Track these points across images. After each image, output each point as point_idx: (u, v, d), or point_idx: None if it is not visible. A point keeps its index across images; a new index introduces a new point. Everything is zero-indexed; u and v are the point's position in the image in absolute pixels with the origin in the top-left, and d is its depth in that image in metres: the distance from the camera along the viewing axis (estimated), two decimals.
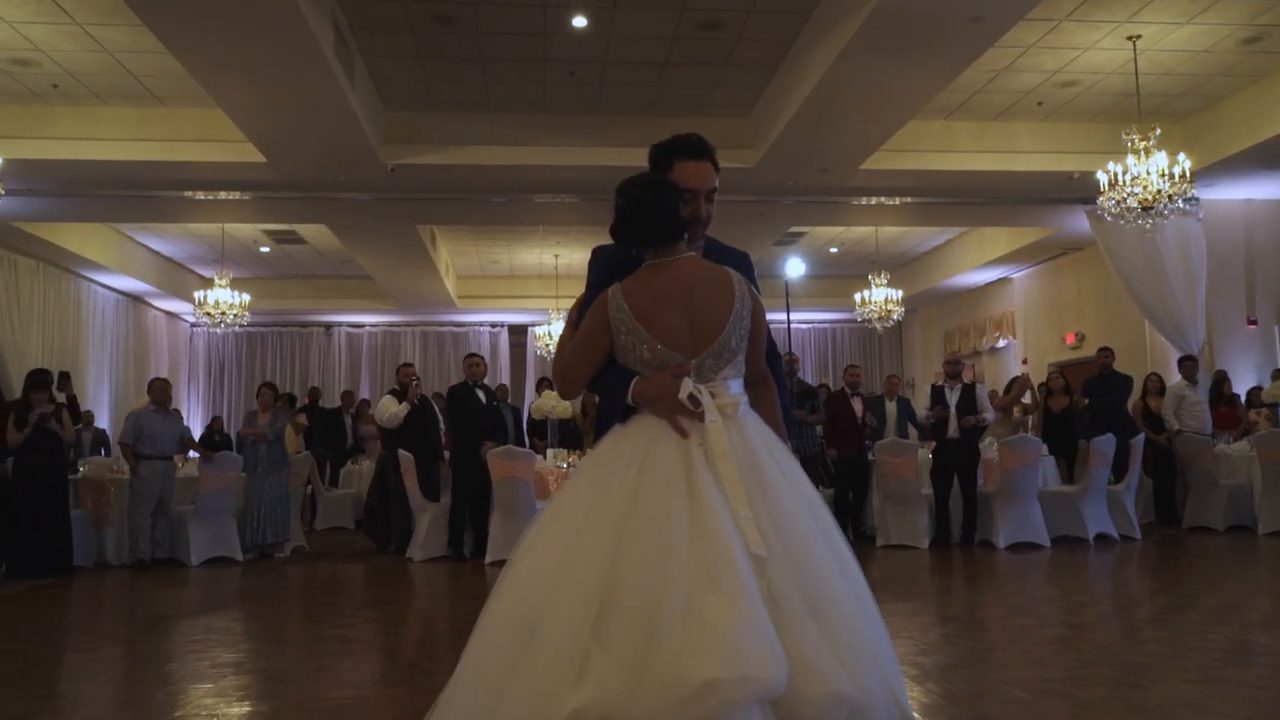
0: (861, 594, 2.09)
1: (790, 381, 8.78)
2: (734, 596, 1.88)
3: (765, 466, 2.14)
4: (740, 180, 11.16)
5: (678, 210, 2.36)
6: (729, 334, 2.25)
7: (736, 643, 1.81)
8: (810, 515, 2.12)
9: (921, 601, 5.90)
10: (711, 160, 2.58)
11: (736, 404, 2.23)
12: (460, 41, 8.99)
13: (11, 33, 8.52)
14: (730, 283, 2.30)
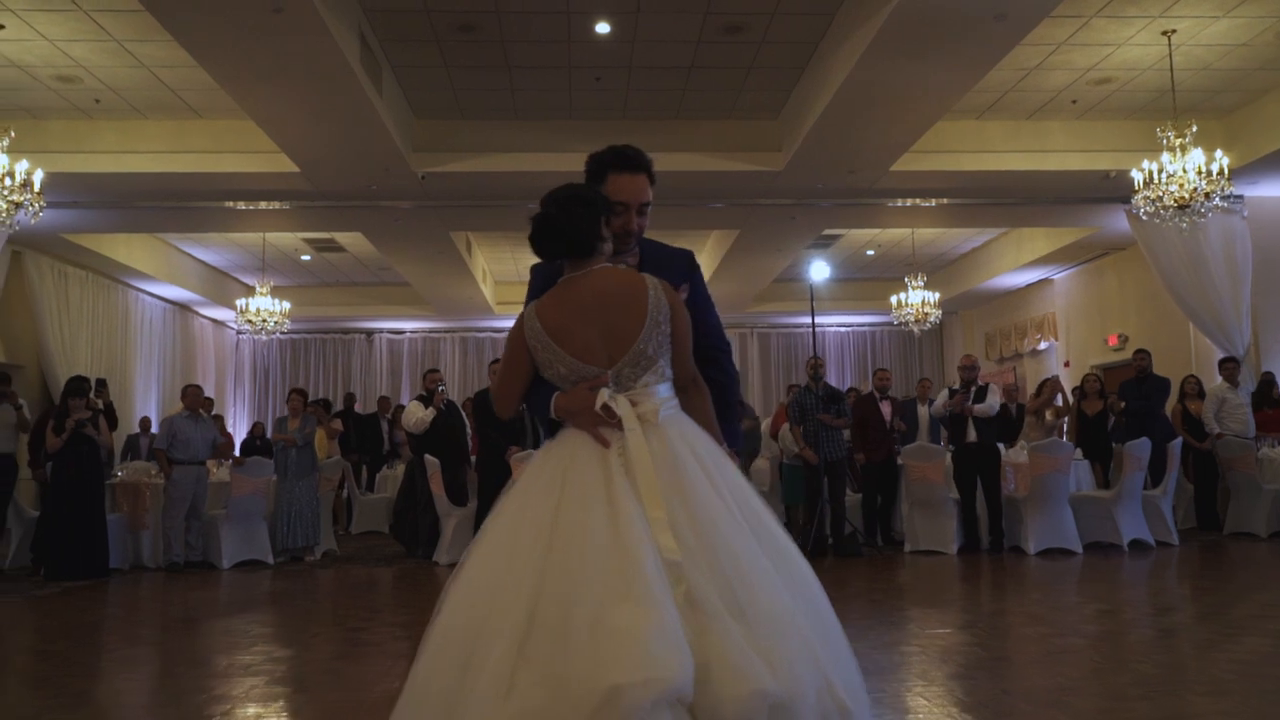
0: (803, 590, 2.08)
1: (816, 385, 8.72)
2: (643, 603, 1.90)
3: (687, 470, 2.15)
4: (769, 184, 11.14)
5: (589, 225, 2.37)
6: (644, 342, 2.27)
7: (642, 648, 1.84)
8: (738, 515, 2.12)
9: (942, 608, 5.82)
10: (647, 173, 2.60)
11: (657, 410, 2.25)
12: (485, 50, 9.08)
13: (54, 51, 8.79)
14: (644, 291, 2.31)
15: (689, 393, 2.38)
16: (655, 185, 2.72)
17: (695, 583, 1.96)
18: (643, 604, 1.90)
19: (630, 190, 2.55)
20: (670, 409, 2.30)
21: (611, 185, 2.56)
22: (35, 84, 9.42)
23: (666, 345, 2.31)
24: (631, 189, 2.55)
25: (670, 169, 10.82)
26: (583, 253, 2.37)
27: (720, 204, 11.89)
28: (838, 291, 17.99)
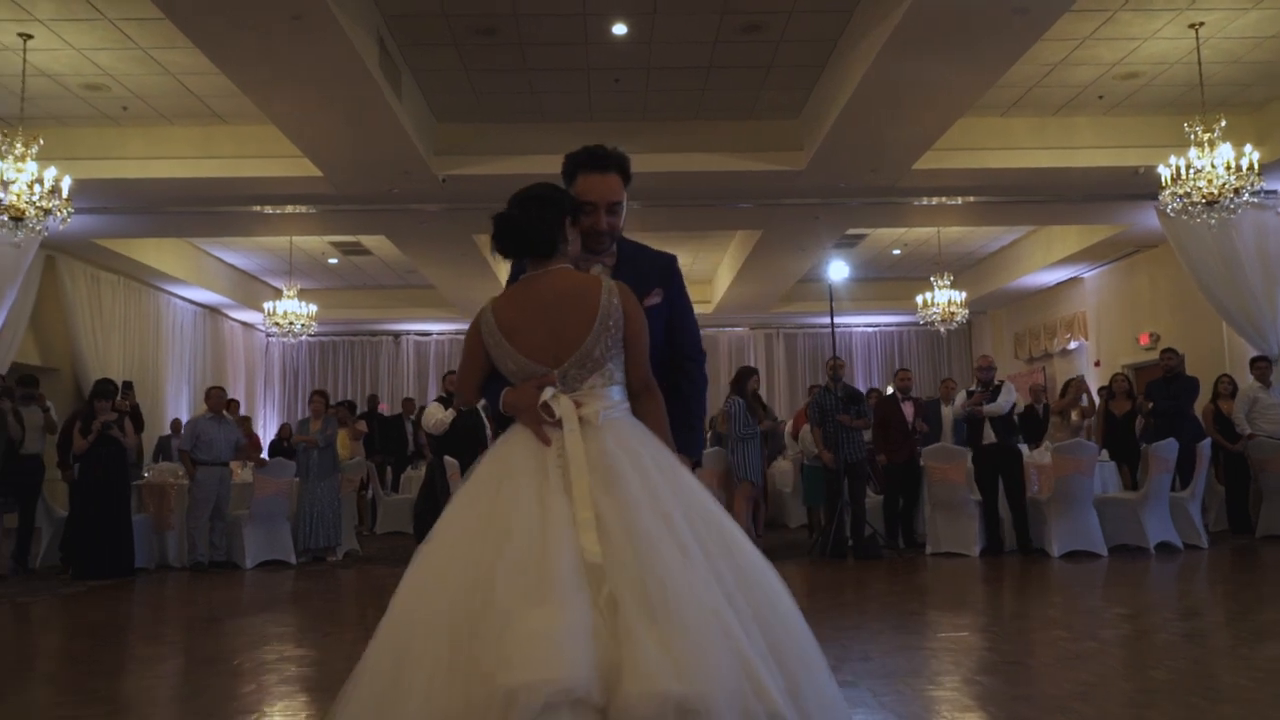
0: (752, 594, 2.06)
1: (835, 386, 8.66)
2: (553, 604, 1.92)
3: (620, 472, 2.14)
4: (790, 183, 11.08)
5: (548, 225, 2.38)
6: (591, 344, 2.28)
7: (544, 650, 1.86)
8: (675, 517, 2.10)
9: (958, 610, 5.75)
10: (619, 171, 2.61)
11: (599, 412, 2.25)
12: (504, 53, 9.12)
13: (82, 59, 8.94)
14: (596, 293, 2.32)
15: (642, 399, 2.38)
16: (631, 184, 2.71)
17: (616, 585, 1.97)
18: (553, 605, 1.92)
19: (598, 189, 2.55)
20: (618, 412, 2.31)
21: (581, 185, 2.58)
22: (64, 92, 9.59)
23: (617, 349, 2.33)
24: (599, 188, 2.56)
25: (690, 169, 10.84)
26: (542, 252, 2.39)
27: (747, 204, 11.85)
28: (864, 291, 17.87)
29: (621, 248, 2.68)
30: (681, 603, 1.95)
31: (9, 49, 8.58)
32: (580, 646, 1.88)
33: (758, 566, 2.14)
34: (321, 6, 7.03)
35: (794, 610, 2.13)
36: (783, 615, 2.09)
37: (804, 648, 2.10)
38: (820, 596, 6.40)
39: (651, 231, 14.26)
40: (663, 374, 2.56)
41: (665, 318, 2.65)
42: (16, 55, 8.62)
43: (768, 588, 2.11)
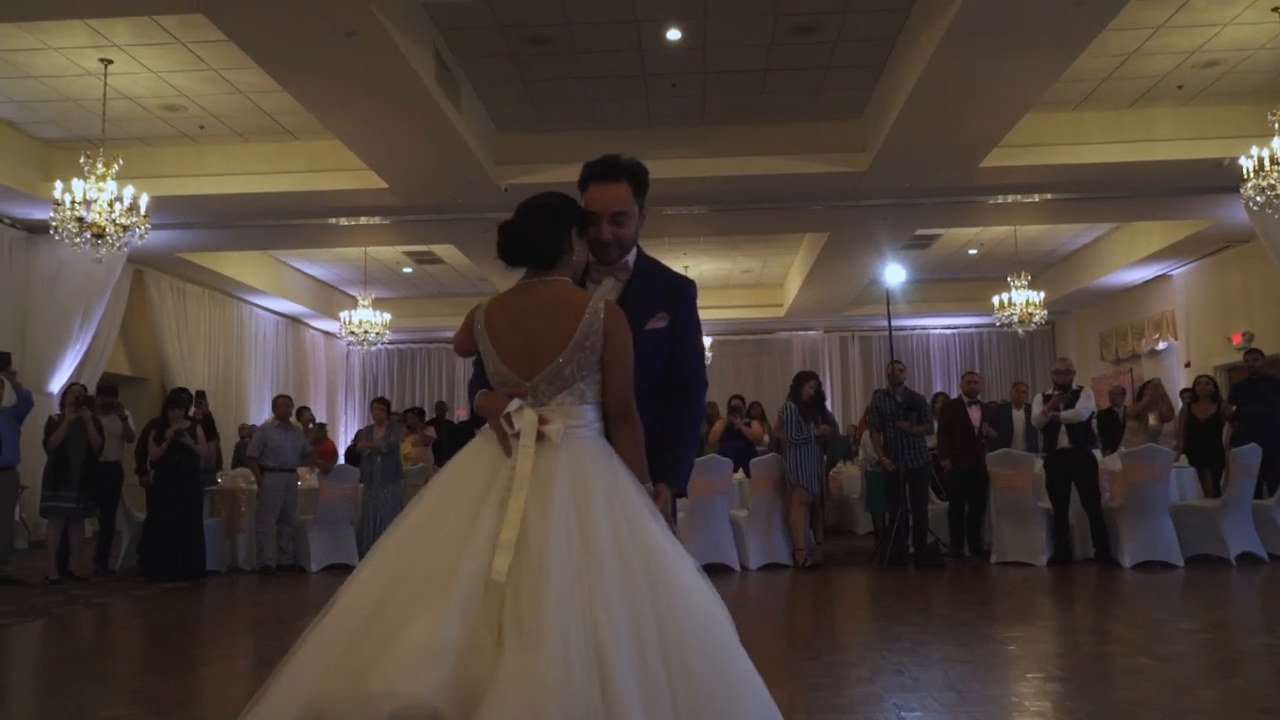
0: (675, 626, 2.02)
1: (896, 391, 8.48)
2: (440, 618, 1.94)
3: (560, 495, 2.12)
4: (854, 184, 10.91)
5: (553, 236, 2.35)
6: (565, 362, 2.26)
7: (409, 662, 1.89)
8: (597, 549, 2.06)
9: (1010, 622, 5.56)
10: (630, 181, 2.53)
11: (560, 430, 2.22)
12: (559, 62, 9.20)
13: (159, 82, 9.34)
14: (580, 311, 2.27)
15: (616, 424, 2.33)
16: (647, 192, 2.62)
17: (514, 607, 1.97)
18: (437, 618, 1.94)
19: (602, 199, 2.49)
20: (587, 431, 2.28)
21: (589, 194, 2.53)
22: (145, 114, 10.02)
23: (592, 369, 2.29)
24: (604, 198, 2.50)
25: (751, 173, 10.76)
26: (544, 263, 2.36)
27: (809, 206, 11.71)
28: (940, 293, 17.50)
29: (639, 263, 2.60)
30: (552, 630, 1.93)
31: (91, 74, 9.00)
32: (444, 665, 1.89)
33: (688, 607, 2.08)
34: (375, 23, 7.20)
35: (723, 651, 2.07)
36: (707, 657, 2.03)
37: (723, 693, 2.03)
38: (870, 605, 6.27)
39: (720, 236, 14.23)
40: (662, 398, 2.53)
41: (669, 342, 2.56)
42: (98, 80, 9.04)
43: (693, 628, 2.05)
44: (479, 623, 1.97)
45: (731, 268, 16.83)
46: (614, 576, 2.03)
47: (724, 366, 18.90)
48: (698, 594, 2.12)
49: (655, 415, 2.49)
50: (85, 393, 8.27)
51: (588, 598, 1.99)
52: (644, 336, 2.47)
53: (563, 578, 2.01)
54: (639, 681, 1.93)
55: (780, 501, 8.20)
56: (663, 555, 2.13)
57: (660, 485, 2.41)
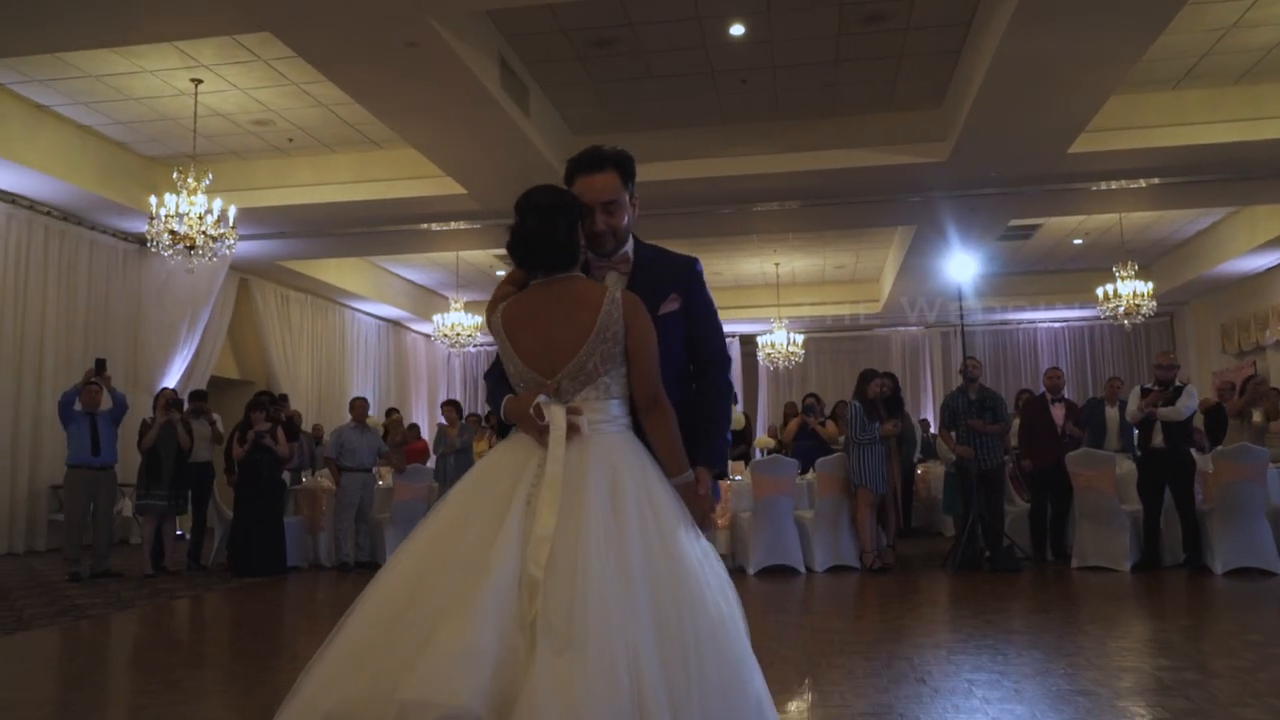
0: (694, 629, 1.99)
1: (970, 388, 8.17)
2: (474, 620, 1.90)
3: (590, 488, 2.09)
4: (936, 175, 10.58)
5: (569, 236, 2.31)
6: (585, 356, 2.23)
7: (443, 668, 1.84)
8: (633, 541, 2.03)
9: (1063, 631, 5.26)
10: (616, 168, 2.46)
11: (588, 423, 2.21)
12: (625, 62, 9.21)
13: (247, 98, 9.78)
14: (597, 305, 2.24)
15: (649, 414, 2.29)
16: (634, 180, 2.52)
17: (546, 605, 1.94)
18: (471, 620, 1.90)
19: (591, 190, 2.43)
20: (614, 426, 2.25)
21: (577, 188, 2.46)
22: (237, 129, 10.51)
23: (616, 362, 2.26)
24: (593, 188, 2.43)
25: (828, 167, 10.55)
26: (568, 265, 2.33)
27: (896, 198, 11.41)
28: (1046, 285, 16.80)
29: (639, 252, 2.56)
30: (596, 636, 1.90)
31: (184, 94, 9.50)
32: (481, 672, 1.86)
33: (709, 621, 2.04)
34: (434, 34, 7.36)
35: (739, 666, 2.04)
36: (724, 672, 2.01)
37: (736, 706, 2.01)
38: (921, 610, 6.05)
39: (807, 232, 14.00)
40: (686, 383, 2.50)
41: (684, 324, 2.50)
42: (190, 99, 9.53)
43: (713, 642, 2.02)
44: (511, 624, 1.94)
45: (824, 264, 16.54)
46: (644, 584, 2.01)
47: (820, 364, 18.62)
48: (721, 605, 2.09)
49: (682, 399, 2.44)
50: (175, 397, 8.72)
51: (624, 605, 1.96)
52: (659, 322, 2.41)
53: (601, 580, 1.98)
54: (669, 694, 1.91)
55: (848, 502, 8.01)
56: (689, 564, 2.10)
57: (700, 469, 2.35)
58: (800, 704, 3.76)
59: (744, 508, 8.06)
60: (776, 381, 18.60)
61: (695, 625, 2.00)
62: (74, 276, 11.16)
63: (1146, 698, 3.77)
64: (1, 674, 4.78)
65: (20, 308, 10.51)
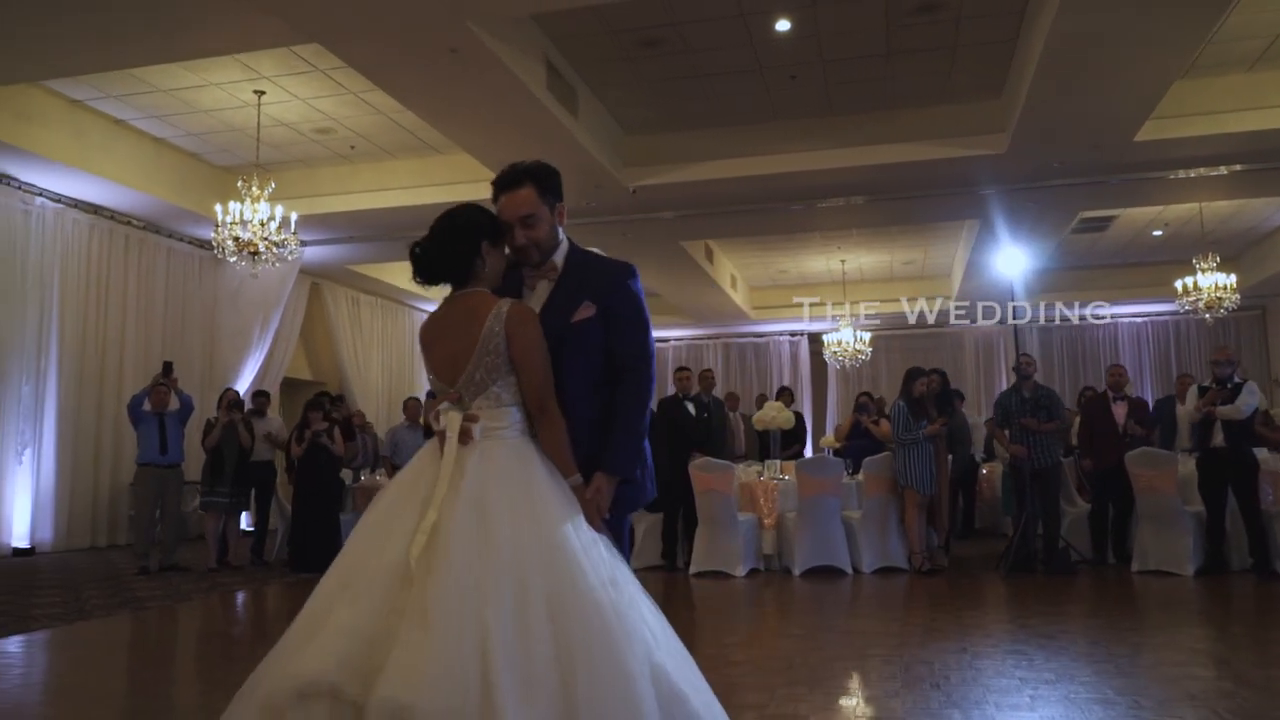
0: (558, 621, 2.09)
1: (1023, 386, 7.94)
2: (358, 604, 2.13)
3: (465, 491, 2.25)
4: (996, 167, 10.31)
5: (459, 255, 2.48)
6: (473, 368, 2.40)
7: (325, 645, 2.07)
8: (494, 543, 2.16)
9: (1096, 635, 5.06)
10: (533, 183, 2.58)
11: (479, 429, 2.37)
12: (672, 62, 9.21)
13: (308, 108, 10.07)
14: (484, 319, 2.39)
15: (539, 422, 2.43)
16: (551, 194, 2.65)
17: (418, 588, 2.10)
18: (353, 606, 2.13)
19: (508, 207, 2.57)
20: (510, 433, 2.40)
21: (499, 206, 2.61)
22: (301, 138, 10.83)
23: (501, 372, 2.40)
24: (509, 206, 2.57)
25: (883, 162, 10.36)
26: (455, 280, 2.51)
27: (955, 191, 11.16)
28: (1127, 278, 16.24)
29: (570, 259, 2.65)
30: (446, 615, 2.05)
31: (248, 105, 9.83)
32: (350, 647, 2.06)
33: (581, 595, 2.14)
34: (475, 39, 7.47)
35: (616, 649, 2.10)
36: (592, 642, 2.09)
37: (608, 674, 2.07)
38: (958, 612, 5.89)
39: (869, 227, 13.78)
40: (604, 388, 2.55)
41: (602, 331, 2.56)
42: (253, 110, 9.86)
43: (584, 625, 2.11)
44: (390, 609, 2.11)
45: (891, 260, 16.25)
46: (508, 570, 2.14)
47: (890, 361, 18.31)
48: (598, 592, 2.17)
49: (599, 405, 2.53)
50: (237, 398, 9.04)
51: (480, 588, 2.10)
52: (573, 330, 2.53)
53: (457, 566, 2.13)
54: (519, 670, 2.02)
55: (896, 503, 7.86)
56: (563, 554, 2.21)
57: (596, 475, 2.45)
58: (804, 706, 3.72)
59: (790, 507, 7.98)
60: (846, 380, 18.35)
61: (562, 609, 2.12)
62: (152, 283, 11.66)
63: (1167, 708, 3.62)
64: (45, 661, 5.03)
65: (103, 314, 11.03)
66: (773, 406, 9.07)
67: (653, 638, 2.21)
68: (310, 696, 2.02)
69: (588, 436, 2.48)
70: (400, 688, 1.96)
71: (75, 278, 10.70)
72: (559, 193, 2.66)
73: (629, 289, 2.64)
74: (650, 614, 2.29)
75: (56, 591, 7.22)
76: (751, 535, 7.89)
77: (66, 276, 10.59)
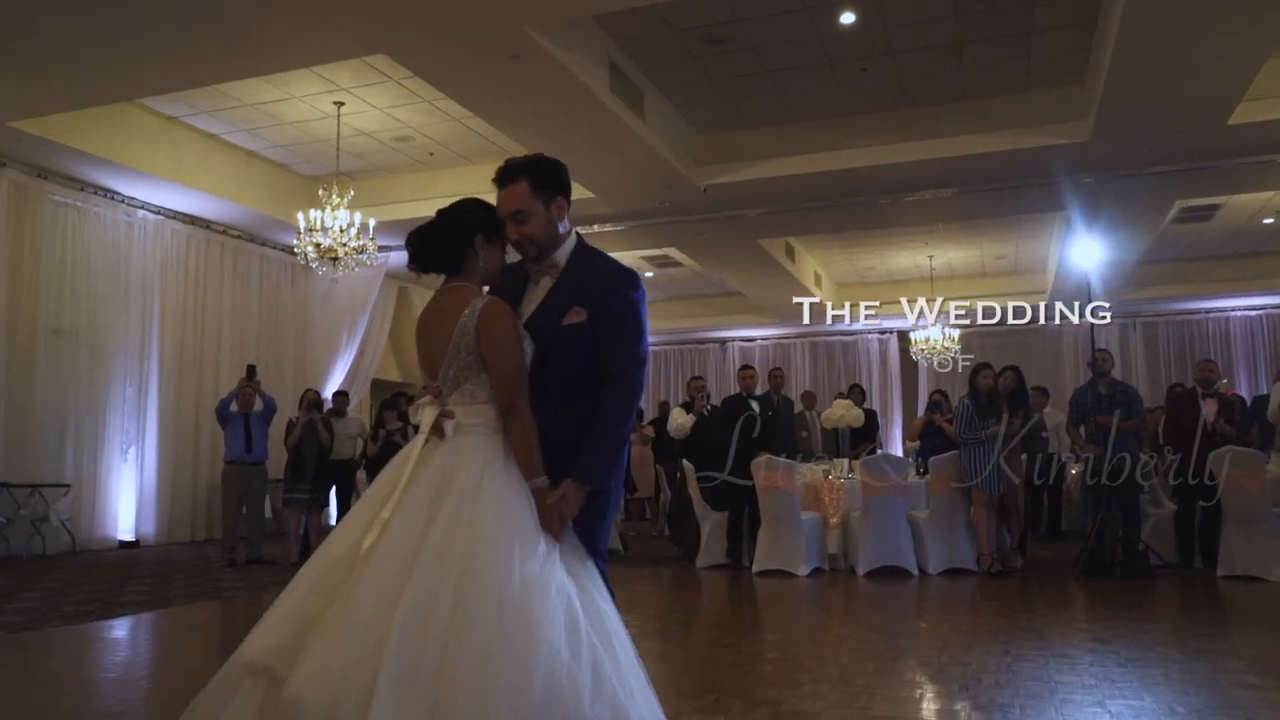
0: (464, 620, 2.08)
1: (1100, 382, 7.63)
2: (304, 591, 2.24)
3: (419, 486, 2.29)
4: (1080, 156, 9.91)
5: (446, 246, 2.54)
6: (448, 365, 2.43)
7: (269, 627, 2.21)
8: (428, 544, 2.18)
9: (1169, 646, 4.83)
10: (527, 177, 2.56)
11: (451, 425, 2.40)
12: (739, 59, 9.17)
13: (386, 117, 10.39)
14: (457, 318, 2.42)
15: (506, 420, 2.41)
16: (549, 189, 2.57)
17: (353, 583, 2.16)
18: (302, 593, 2.24)
19: (503, 203, 2.58)
20: (479, 431, 2.40)
21: (497, 201, 2.61)
22: (381, 146, 11.17)
23: (473, 370, 2.41)
24: (503, 202, 2.57)
25: (960, 154, 10.08)
26: (446, 270, 2.56)
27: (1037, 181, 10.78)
28: (1237, 269, 15.40)
29: (575, 257, 2.62)
30: (358, 615, 2.10)
31: (328, 116, 10.20)
32: (286, 631, 2.17)
33: (484, 606, 2.11)
34: (534, 43, 7.59)
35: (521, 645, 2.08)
36: (489, 639, 2.07)
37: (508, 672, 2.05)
38: (1017, 617, 5.69)
39: (957, 222, 13.42)
40: (590, 393, 2.52)
41: (591, 336, 2.52)
42: (333, 120, 10.23)
43: (482, 628, 2.08)
44: (330, 598, 2.18)
45: (981, 254, 15.79)
46: (429, 571, 2.14)
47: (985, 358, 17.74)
48: (510, 602, 2.13)
49: (582, 409, 2.49)
50: (317, 398, 9.39)
51: (396, 587, 2.12)
52: (561, 333, 2.51)
53: (384, 563, 2.17)
54: (405, 676, 2.03)
55: (963, 502, 7.66)
56: (487, 557, 2.18)
57: (565, 481, 2.38)
58: (820, 704, 3.67)
59: (855, 506, 7.86)
60: (937, 379, 17.89)
61: (465, 616, 2.09)
62: (246, 289, 12.21)
63: (1202, 715, 3.45)
64: (112, 645, 5.33)
65: (200, 319, 11.60)
66: (841, 404, 8.94)
67: (570, 653, 2.12)
68: (254, 674, 2.14)
69: (571, 441, 2.44)
70: (300, 678, 2.03)
71: (174, 285, 11.29)
72: (559, 187, 2.61)
73: (624, 296, 2.57)
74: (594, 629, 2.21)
75: (148, 581, 7.63)
76: (815, 534, 7.80)
77: (166, 284, 11.18)
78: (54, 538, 9.64)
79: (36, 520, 9.42)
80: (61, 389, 10.07)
